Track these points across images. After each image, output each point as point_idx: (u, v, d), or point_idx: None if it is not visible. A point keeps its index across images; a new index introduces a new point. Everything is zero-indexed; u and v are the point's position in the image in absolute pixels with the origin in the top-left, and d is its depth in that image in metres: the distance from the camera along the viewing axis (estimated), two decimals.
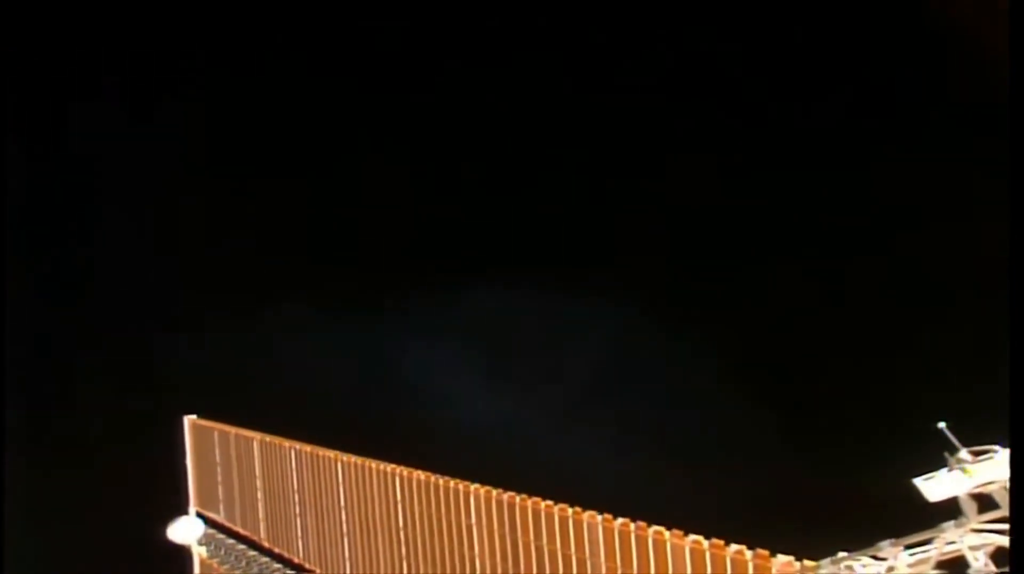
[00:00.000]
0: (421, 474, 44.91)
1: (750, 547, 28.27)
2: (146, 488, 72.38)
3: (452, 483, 42.56)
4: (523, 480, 37.09)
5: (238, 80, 73.24)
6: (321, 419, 59.03)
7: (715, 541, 29.46)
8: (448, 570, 42.91)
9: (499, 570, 39.44)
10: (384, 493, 48.27)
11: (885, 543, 23.22)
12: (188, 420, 74.31)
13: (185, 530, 72.67)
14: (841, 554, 24.50)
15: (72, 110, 79.02)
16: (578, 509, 35.17)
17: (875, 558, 23.81)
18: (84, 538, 69.73)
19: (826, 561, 24.99)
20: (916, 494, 22.81)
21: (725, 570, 28.87)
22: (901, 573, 23.20)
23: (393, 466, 47.30)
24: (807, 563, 26.01)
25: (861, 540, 23.93)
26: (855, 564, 24.37)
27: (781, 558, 27.24)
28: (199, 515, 73.27)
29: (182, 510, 74.46)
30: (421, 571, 45.40)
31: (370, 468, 49.44)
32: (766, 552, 27.73)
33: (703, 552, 29.79)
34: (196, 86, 75.23)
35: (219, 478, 70.01)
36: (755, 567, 27.83)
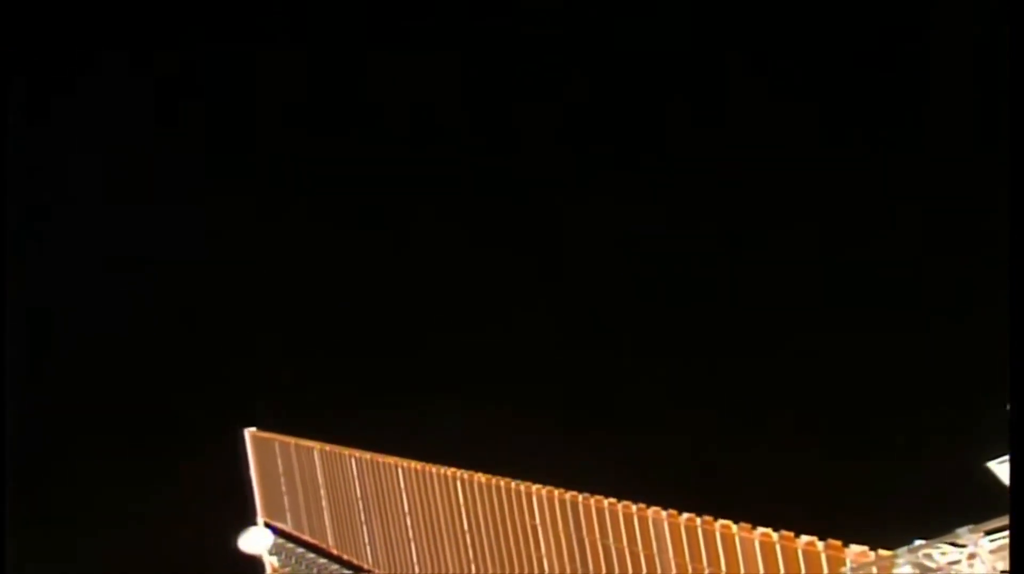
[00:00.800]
0: (482, 477, 44.45)
1: (820, 538, 27.42)
2: (213, 501, 72.93)
3: (513, 484, 42.06)
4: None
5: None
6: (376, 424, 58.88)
7: (784, 533, 28.65)
8: (516, 572, 42.45)
9: (567, 570, 38.90)
10: (446, 497, 47.88)
11: (963, 529, 22.29)
12: (248, 433, 74.51)
13: (256, 540, 72.92)
14: (918, 542, 23.61)
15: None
16: (642, 505, 34.49)
17: (954, 545, 22.90)
18: (156, 551, 70.46)
19: (903, 550, 24.08)
20: (991, 477, 21.92)
21: (797, 563, 28.05)
22: (983, 560, 22.27)
23: (453, 470, 46.89)
24: (882, 553, 25.12)
25: (933, 527, 23.04)
26: (934, 552, 23.46)
27: (855, 548, 26.36)
28: (267, 525, 73.49)
29: (250, 521, 74.78)
30: (489, 573, 44.99)
31: (431, 472, 49.08)
32: (838, 542, 26.86)
33: (773, 545, 28.99)
34: None
35: (283, 488, 70.12)
36: (828, 559, 26.97)
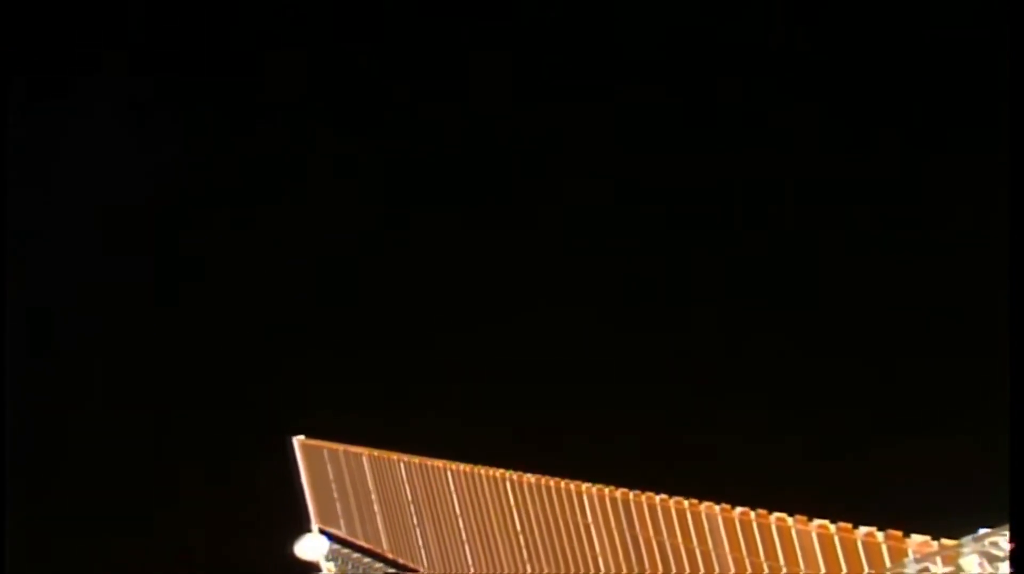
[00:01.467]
0: (531, 477, 43.93)
1: (880, 529, 26.61)
2: (267, 509, 73.13)
3: (563, 484, 41.50)
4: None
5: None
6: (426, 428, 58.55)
7: (842, 524, 27.86)
8: (572, 570, 41.93)
9: (623, 568, 38.30)
10: (497, 498, 47.42)
11: None
12: (297, 441, 74.52)
13: (312, 547, 73.10)
14: (982, 530, 22.77)
15: None
16: (694, 501, 33.79)
17: None
18: (214, 560, 70.84)
19: (967, 538, 23.24)
20: None
21: (857, 554, 27.26)
22: None
23: (502, 471, 46.40)
24: (945, 542, 24.26)
25: (996, 514, 22.16)
26: (1000, 539, 22.61)
27: (916, 538, 25.52)
28: (322, 532, 73.55)
29: (305, 528, 74.89)
30: (545, 572, 44.51)
31: (480, 474, 48.62)
32: (899, 533, 26.04)
33: (831, 536, 28.22)
34: None
35: (335, 494, 70.06)
36: (889, 550, 26.15)
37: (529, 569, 45.87)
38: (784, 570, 30.00)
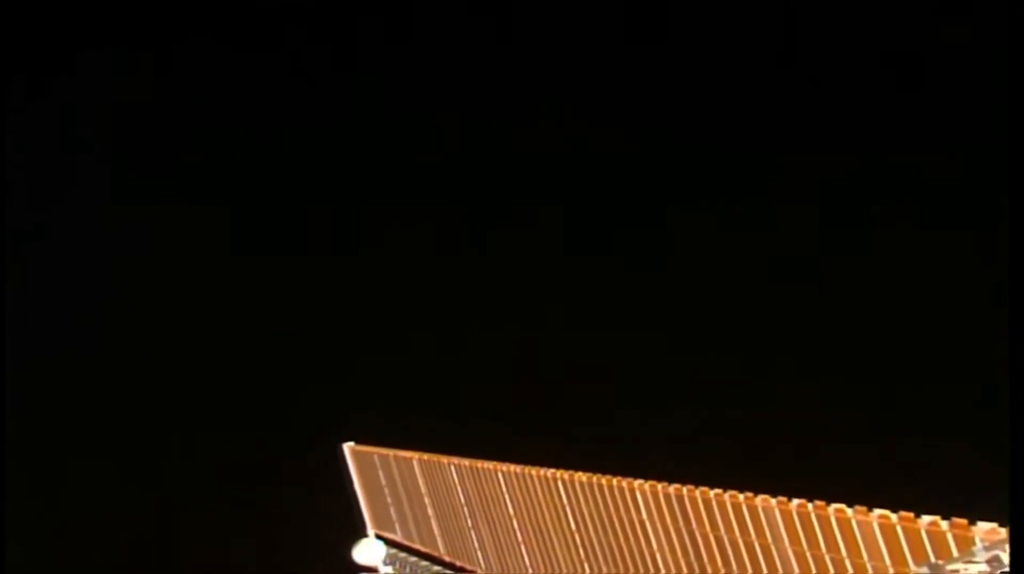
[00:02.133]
0: (583, 476, 43.38)
1: (943, 517, 25.78)
2: (323, 516, 73.19)
3: (615, 481, 40.92)
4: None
5: None
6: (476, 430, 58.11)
7: (903, 513, 27.07)
8: (631, 568, 41.34)
9: (681, 564, 37.67)
10: (550, 498, 46.93)
11: None
12: (348, 447, 74.53)
13: (370, 552, 73.09)
14: None
15: None
16: (749, 494, 33.08)
17: None
18: (271, 569, 71.08)
19: None
20: None
21: (921, 543, 26.46)
22: None
23: (554, 470, 45.90)
24: None
25: None
26: None
27: (984, 525, 24.68)
28: (378, 537, 73.47)
29: (361, 534, 74.93)
30: (604, 571, 43.96)
31: (531, 475, 48.14)
32: (964, 521, 25.21)
33: (892, 526, 27.43)
34: None
35: (388, 499, 69.95)
36: (955, 538, 25.33)
37: (587, 568, 45.36)
38: (847, 562, 29.27)
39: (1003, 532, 24.10)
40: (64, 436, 78.38)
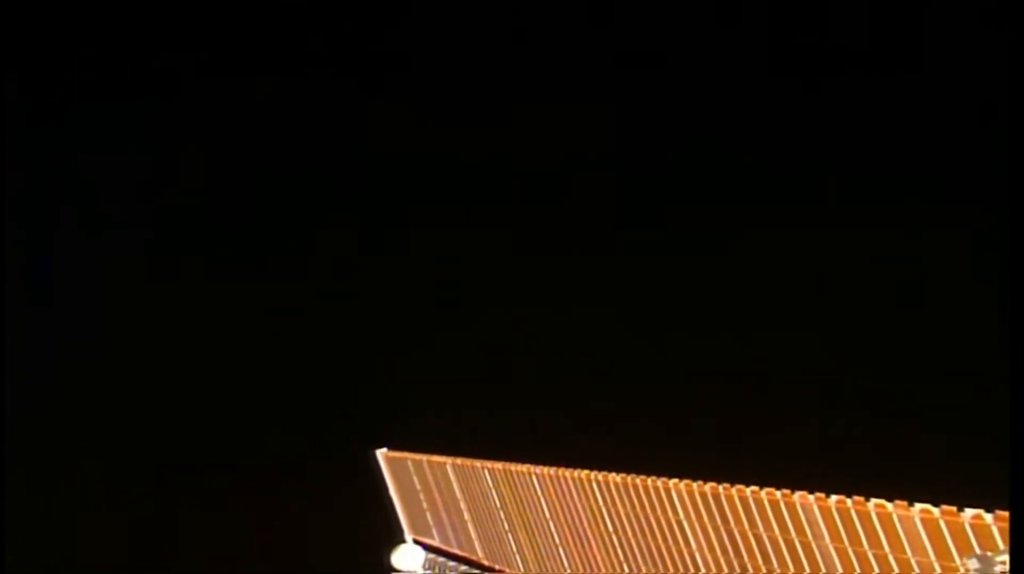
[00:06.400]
0: (616, 477, 43.04)
1: (987, 510, 25.26)
2: (361, 522, 73.25)
3: (650, 481, 40.55)
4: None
5: None
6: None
7: (946, 507, 26.56)
8: (671, 569, 40.97)
9: (721, 563, 37.25)
10: (586, 500, 46.63)
11: None
12: (381, 454, 74.41)
13: (409, 558, 73.13)
14: None
15: None
16: (786, 491, 32.63)
17: None
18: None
19: None
20: None
21: (966, 538, 25.94)
22: None
23: (588, 472, 45.59)
24: None
25: None
26: None
27: None
28: (416, 542, 73.42)
29: (398, 539, 74.87)
30: (643, 572, 43.61)
31: (565, 477, 47.85)
32: (1007, 513, 24.64)
33: (935, 521, 26.92)
34: None
35: (424, 505, 69.81)
36: (1000, 532, 24.80)
37: (626, 569, 45.02)
38: (891, 558, 28.79)
39: None
40: (70, 436, 78.41)
